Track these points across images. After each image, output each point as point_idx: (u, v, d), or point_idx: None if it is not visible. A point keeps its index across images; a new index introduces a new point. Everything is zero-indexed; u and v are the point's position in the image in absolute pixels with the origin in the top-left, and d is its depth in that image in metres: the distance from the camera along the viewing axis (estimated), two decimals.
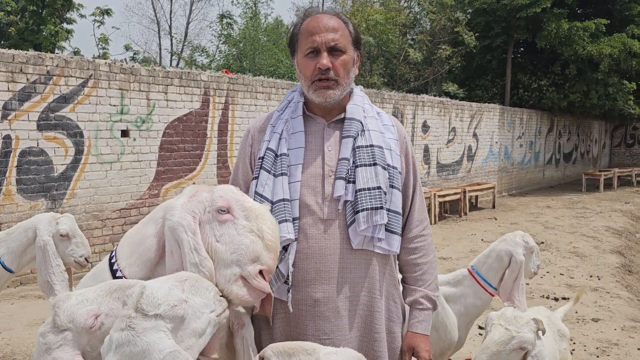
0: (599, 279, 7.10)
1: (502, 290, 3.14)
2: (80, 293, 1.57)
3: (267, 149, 1.88)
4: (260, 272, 1.52)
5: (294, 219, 1.81)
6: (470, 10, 18.35)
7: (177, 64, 24.30)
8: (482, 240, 9.36)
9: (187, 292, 1.38)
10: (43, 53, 6.26)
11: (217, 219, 1.54)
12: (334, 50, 1.83)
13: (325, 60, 1.81)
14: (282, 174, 1.83)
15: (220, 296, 1.46)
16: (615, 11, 17.99)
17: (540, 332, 2.26)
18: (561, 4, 16.67)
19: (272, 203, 1.81)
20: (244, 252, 1.49)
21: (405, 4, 19.71)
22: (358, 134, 1.88)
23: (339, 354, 1.47)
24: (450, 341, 3.13)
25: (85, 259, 3.39)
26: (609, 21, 16.60)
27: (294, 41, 1.92)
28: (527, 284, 6.71)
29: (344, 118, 1.91)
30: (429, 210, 11.05)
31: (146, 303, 1.29)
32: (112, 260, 1.67)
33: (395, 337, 1.94)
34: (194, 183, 7.79)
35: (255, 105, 8.62)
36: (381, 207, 1.81)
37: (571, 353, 4.67)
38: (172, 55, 25.60)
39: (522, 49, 20.07)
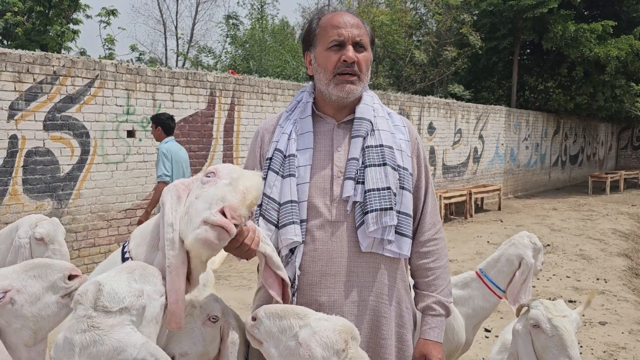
0: (606, 282, 7.06)
1: (509, 292, 3.15)
2: None
3: (276, 149, 1.85)
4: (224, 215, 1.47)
5: (302, 221, 1.78)
6: (476, 12, 18.30)
7: (183, 64, 24.34)
8: (488, 242, 9.32)
9: (139, 281, 1.40)
10: (49, 53, 6.28)
11: (202, 180, 1.57)
12: (358, 46, 1.84)
13: (351, 52, 1.81)
14: (290, 175, 1.80)
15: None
16: (623, 13, 17.90)
17: None
18: (568, 6, 16.60)
19: (280, 205, 1.78)
20: (213, 201, 1.47)
21: (411, 5, 19.68)
22: (368, 134, 1.85)
23: (330, 321, 1.47)
24: (458, 343, 3.14)
25: None
26: (616, 23, 16.52)
27: (311, 36, 1.90)
28: (534, 286, 6.67)
29: (354, 118, 1.88)
30: None
31: (108, 300, 1.29)
32: (125, 244, 1.71)
33: (407, 344, 1.89)
34: None
35: (261, 106, 8.62)
36: (391, 208, 1.77)
37: None
38: (178, 56, 25.65)
39: (528, 50, 20.00)
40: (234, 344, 1.74)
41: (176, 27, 29.16)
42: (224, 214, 1.44)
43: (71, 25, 14.24)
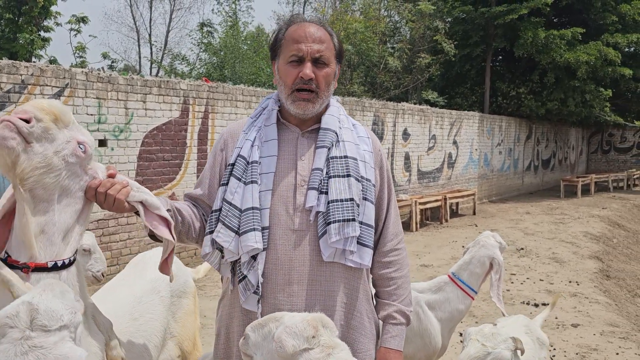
0: (578, 285, 7.17)
1: (493, 293, 3.29)
2: None
3: (239, 155, 1.84)
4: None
5: (264, 228, 1.78)
6: (449, 19, 18.52)
7: (157, 72, 24.15)
8: (463, 247, 9.38)
9: (60, 298, 1.39)
10: (17, 62, 6.17)
11: None
12: (318, 62, 1.81)
13: (309, 70, 1.79)
14: (252, 182, 1.80)
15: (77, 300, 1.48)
16: (590, 20, 18.29)
17: (519, 352, 2.25)
18: (538, 13, 16.92)
19: (241, 211, 1.78)
20: None
21: (385, 13, 19.85)
22: (332, 145, 1.85)
23: (302, 315, 1.51)
24: (435, 347, 3.20)
25: (102, 274, 3.55)
26: (584, 30, 16.87)
27: (277, 46, 1.89)
28: (508, 290, 6.75)
29: (319, 128, 1.88)
30: (410, 218, 11.08)
31: (47, 318, 1.27)
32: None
33: (369, 354, 1.90)
34: (173, 193, 7.72)
35: (236, 113, 8.58)
36: (353, 219, 1.78)
37: (551, 359, 4.70)
38: (152, 64, 25.46)
39: (500, 57, 20.32)
40: None
41: (150, 35, 28.92)
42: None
43: (42, 33, 14.02)
